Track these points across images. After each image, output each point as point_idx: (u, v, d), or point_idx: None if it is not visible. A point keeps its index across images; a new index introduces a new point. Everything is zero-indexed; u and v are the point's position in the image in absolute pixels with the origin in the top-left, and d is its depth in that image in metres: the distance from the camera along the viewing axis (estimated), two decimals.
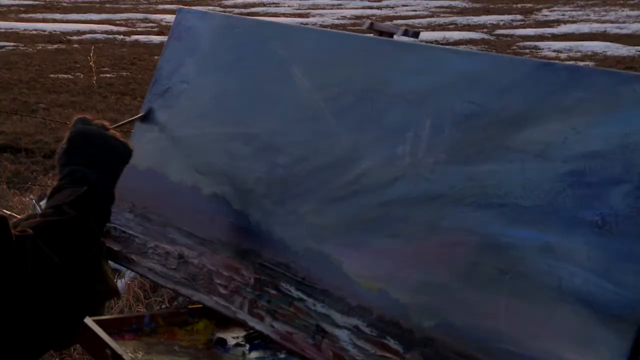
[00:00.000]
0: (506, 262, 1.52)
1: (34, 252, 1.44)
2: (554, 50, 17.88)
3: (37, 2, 27.97)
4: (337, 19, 24.69)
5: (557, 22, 23.46)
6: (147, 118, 2.29)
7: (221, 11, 19.33)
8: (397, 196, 1.72)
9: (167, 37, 2.48)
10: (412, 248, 1.67)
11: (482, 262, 1.56)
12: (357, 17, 24.42)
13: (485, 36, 20.84)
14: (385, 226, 1.72)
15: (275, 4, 29.44)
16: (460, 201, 1.63)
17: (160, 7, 27.63)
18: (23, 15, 24.38)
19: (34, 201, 5.61)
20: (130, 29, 21.86)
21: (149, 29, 21.99)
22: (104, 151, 1.76)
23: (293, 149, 1.94)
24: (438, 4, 29.19)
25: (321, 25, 21.42)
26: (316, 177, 1.87)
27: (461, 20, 24.36)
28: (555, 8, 27.20)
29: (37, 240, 1.47)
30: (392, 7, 28.32)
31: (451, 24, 23.66)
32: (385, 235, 1.72)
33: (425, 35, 18.47)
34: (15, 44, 18.49)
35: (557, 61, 1.79)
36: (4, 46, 18.07)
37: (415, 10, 27.26)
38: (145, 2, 29.47)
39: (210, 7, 25.38)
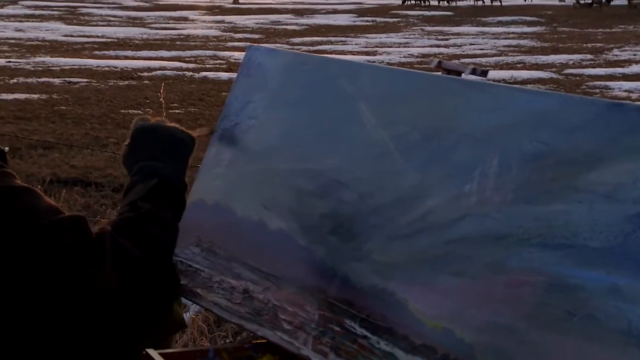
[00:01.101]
0: (574, 303, 1.50)
1: (113, 248, 1.47)
2: (625, 90, 17.65)
3: (110, 40, 28.62)
4: (404, 57, 24.74)
5: (628, 62, 23.15)
6: (223, 139, 2.28)
7: (289, 48, 19.51)
8: (463, 234, 1.71)
9: (235, 73, 2.51)
10: (477, 287, 1.66)
11: (549, 304, 1.54)
12: (424, 55, 24.45)
13: (554, 75, 20.66)
14: (450, 264, 1.71)
15: (343, 41, 29.64)
16: (526, 241, 1.62)
17: (229, 44, 28.04)
18: (97, 52, 24.96)
19: None
20: (200, 65, 22.22)
21: (218, 65, 22.32)
22: (167, 142, 1.77)
23: (359, 186, 1.95)
24: (506, 42, 29.08)
25: (388, 63, 21.48)
26: (382, 214, 1.87)
27: (529, 59, 24.20)
28: (627, 47, 26.85)
29: (115, 237, 1.49)
30: (460, 46, 28.28)
31: (519, 63, 23.52)
32: (450, 274, 1.71)
33: (493, 74, 18.41)
34: (88, 80, 18.93)
35: (627, 101, 1.77)
36: (78, 82, 18.51)
37: (483, 49, 27.19)
38: (214, 39, 29.93)
39: (279, 45, 25.68)
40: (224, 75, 19.82)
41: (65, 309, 1.39)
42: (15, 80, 18.41)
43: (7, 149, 1.60)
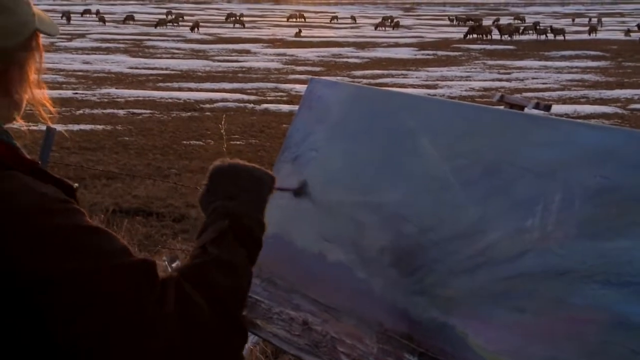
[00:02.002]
0: (638, 342, 1.47)
1: (178, 294, 1.47)
2: None
3: (173, 72, 29.06)
4: (466, 90, 24.67)
5: None
6: (300, 193, 2.28)
7: (350, 81, 19.61)
8: (524, 270, 1.69)
9: (296, 106, 2.53)
10: (539, 323, 1.64)
11: (612, 341, 1.51)
12: (486, 89, 24.34)
13: (619, 110, 20.40)
14: (511, 300, 1.69)
15: (404, 74, 29.67)
16: (590, 277, 1.59)
17: (291, 77, 28.26)
18: (160, 84, 25.37)
19: (165, 263, 5.75)
20: (261, 97, 22.42)
21: (279, 98, 22.49)
22: (243, 181, 1.76)
23: (420, 219, 1.94)
24: (569, 77, 28.82)
25: (449, 97, 21.43)
26: (443, 247, 1.86)
27: (593, 93, 23.94)
28: None
29: (182, 283, 1.50)
30: (522, 80, 28.11)
31: (583, 97, 23.28)
32: (511, 309, 1.69)
33: (556, 108, 18.22)
34: (151, 111, 19.23)
35: None
36: (141, 113, 18.81)
37: (546, 83, 26.98)
38: (276, 72, 30.20)
39: (340, 77, 25.81)
40: (285, 107, 19.96)
41: (126, 351, 1.40)
42: (81, 112, 18.78)
43: (76, 185, 1.62)
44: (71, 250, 1.39)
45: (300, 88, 23.53)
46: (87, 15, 69.65)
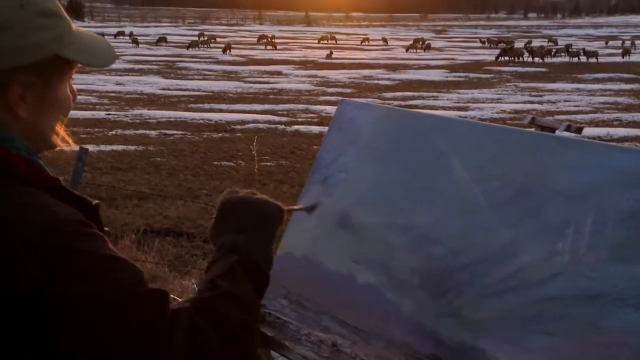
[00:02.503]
0: None
1: (188, 325, 1.48)
2: None
3: (205, 93, 29.26)
4: (497, 112, 24.60)
5: None
6: (314, 209, 2.29)
7: (381, 103, 19.65)
8: (555, 293, 1.68)
9: (326, 127, 2.53)
10: (570, 347, 1.62)
11: None
12: (517, 112, 24.27)
13: None
14: (542, 323, 1.68)
15: (434, 96, 29.66)
16: (622, 301, 1.58)
17: (322, 98, 28.35)
18: (192, 105, 25.54)
19: (194, 285, 5.76)
20: (292, 119, 22.49)
21: (310, 119, 22.56)
22: (252, 215, 1.77)
23: (450, 241, 1.93)
24: (602, 99, 28.64)
25: (480, 119, 21.38)
26: (473, 270, 1.85)
27: (627, 116, 23.78)
28: None
29: (192, 315, 1.51)
30: (554, 102, 27.98)
31: (616, 120, 23.12)
32: (542, 333, 1.67)
33: (588, 131, 18.15)
34: (183, 132, 19.35)
35: None
36: (173, 134, 18.94)
37: (578, 106, 26.84)
38: (306, 93, 30.30)
39: (370, 99, 25.84)
40: (316, 128, 20.01)
41: None
42: (113, 132, 18.94)
43: (97, 202, 1.63)
44: (80, 274, 1.39)
45: (331, 109, 23.58)
46: (121, 37, 70.42)
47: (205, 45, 61.48)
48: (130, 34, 70.03)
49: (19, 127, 1.52)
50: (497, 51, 54.56)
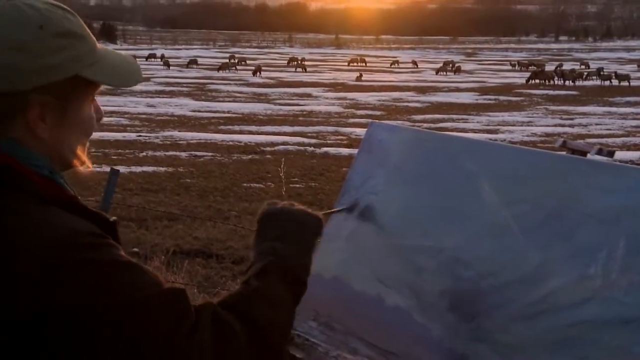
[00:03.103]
0: None
1: (213, 320, 1.48)
2: None
3: (235, 115, 29.41)
4: (527, 135, 24.49)
5: None
6: (351, 211, 2.29)
7: (410, 125, 19.61)
8: (587, 317, 1.66)
9: (356, 149, 2.53)
10: None
11: None
12: (548, 135, 24.14)
13: None
14: (574, 348, 1.66)
15: (464, 119, 29.59)
16: None
17: (351, 120, 28.38)
18: (222, 127, 25.66)
19: None
20: (321, 141, 22.51)
21: (339, 141, 22.57)
22: (290, 224, 1.79)
23: (479, 264, 1.92)
24: (634, 123, 28.44)
25: (510, 142, 21.28)
26: (503, 293, 1.84)
27: None
28: None
29: (218, 310, 1.51)
30: (585, 126, 27.81)
31: None
32: (574, 358, 1.65)
33: (620, 154, 18.00)
34: (212, 154, 19.44)
35: None
36: (203, 156, 19.03)
37: (610, 129, 26.65)
38: (336, 115, 30.35)
39: (400, 121, 25.84)
40: (345, 150, 20.02)
41: None
42: (144, 154, 19.06)
43: (114, 218, 1.64)
44: (100, 284, 1.40)
45: (360, 132, 23.59)
46: (152, 60, 71.02)
47: (234, 68, 61.76)
48: (162, 57, 70.60)
49: (39, 147, 1.53)
50: (528, 74, 54.40)
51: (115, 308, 1.39)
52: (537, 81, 50.21)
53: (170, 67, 61.09)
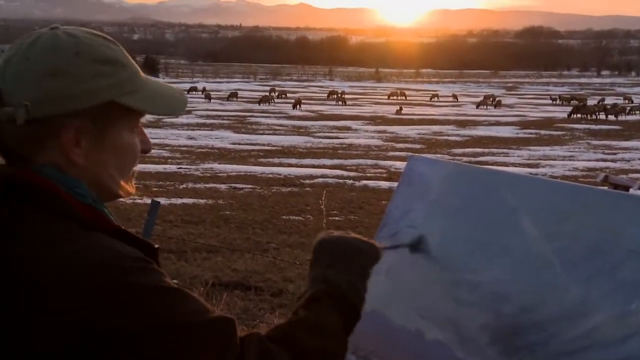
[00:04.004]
0: None
1: (259, 352, 1.48)
2: None
3: (275, 148, 29.54)
4: (569, 170, 24.30)
5: None
6: (416, 247, 2.25)
7: (450, 159, 19.55)
8: (631, 354, 1.64)
9: (395, 182, 2.53)
10: None
11: None
12: (590, 169, 23.94)
13: None
14: None
15: (505, 153, 29.45)
16: None
17: (391, 154, 28.38)
18: (262, 159, 25.79)
19: None
20: (360, 174, 22.53)
21: (378, 174, 22.57)
22: (344, 251, 1.76)
23: (520, 299, 1.91)
24: None
25: (551, 176, 21.12)
26: (544, 328, 1.82)
27: None
28: None
29: (264, 340, 1.50)
30: (628, 161, 27.55)
31: None
32: None
33: None
34: (252, 186, 19.53)
35: None
36: (242, 188, 19.12)
37: None
38: (376, 148, 30.37)
39: (440, 155, 25.77)
40: (384, 183, 20.00)
41: None
42: (184, 186, 19.19)
43: (157, 246, 1.65)
44: (147, 307, 1.41)
45: (400, 165, 23.58)
46: (194, 93, 71.68)
47: (272, 101, 62.05)
48: (203, 89, 71.28)
49: (78, 174, 1.54)
50: (569, 108, 54.10)
51: (161, 331, 1.40)
52: (579, 115, 49.91)
53: (212, 100, 61.59)
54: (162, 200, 12.52)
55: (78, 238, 1.45)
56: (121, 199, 1.65)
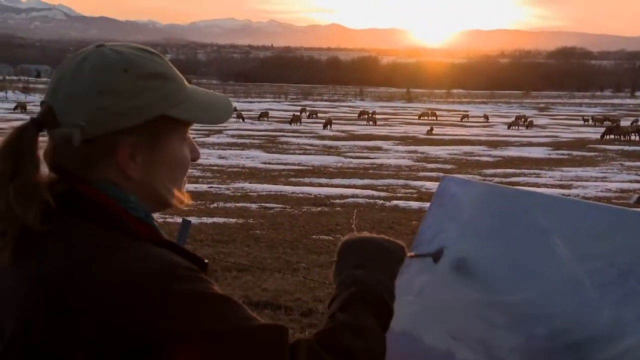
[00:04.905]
0: None
1: (309, 356, 1.48)
2: None
3: (305, 167, 29.58)
4: (601, 191, 24.08)
5: None
6: (438, 258, 2.26)
7: (481, 179, 19.46)
8: None
9: (426, 203, 2.54)
10: None
11: None
12: (623, 191, 23.72)
13: None
14: None
15: (537, 174, 29.26)
16: None
17: (421, 174, 28.30)
18: (292, 179, 25.82)
19: None
20: (391, 194, 22.46)
21: (409, 194, 22.48)
22: (371, 251, 1.77)
23: (552, 321, 1.90)
24: None
25: (584, 197, 20.95)
26: (576, 351, 1.81)
27: None
28: None
29: (313, 346, 1.51)
30: None
31: None
32: None
33: None
34: (282, 205, 19.53)
35: None
36: (273, 207, 19.13)
37: None
38: (406, 169, 30.31)
39: (471, 175, 25.67)
40: (415, 204, 19.92)
41: None
42: (215, 205, 19.25)
43: (206, 261, 1.68)
44: (201, 313, 1.42)
45: (430, 185, 23.50)
46: None
47: (299, 122, 62.16)
48: (235, 109, 71.66)
49: (132, 187, 1.57)
50: (602, 129, 53.73)
51: (214, 336, 1.42)
52: (612, 136, 49.53)
53: (244, 120, 61.85)
54: (193, 219, 12.58)
55: (132, 247, 1.48)
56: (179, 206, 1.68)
